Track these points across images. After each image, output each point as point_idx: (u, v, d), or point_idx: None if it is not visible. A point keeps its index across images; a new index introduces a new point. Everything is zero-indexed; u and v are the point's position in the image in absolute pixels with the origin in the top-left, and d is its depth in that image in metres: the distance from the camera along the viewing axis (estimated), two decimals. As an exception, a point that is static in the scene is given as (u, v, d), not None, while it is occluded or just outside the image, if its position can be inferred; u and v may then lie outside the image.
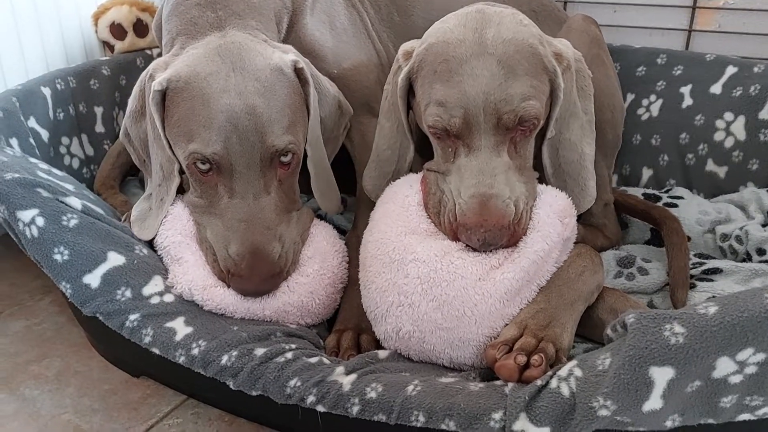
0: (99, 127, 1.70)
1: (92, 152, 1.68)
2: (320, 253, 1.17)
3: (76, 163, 1.64)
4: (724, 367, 0.75)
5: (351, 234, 1.30)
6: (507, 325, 0.98)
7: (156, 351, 1.03)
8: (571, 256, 1.06)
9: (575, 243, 1.10)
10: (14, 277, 1.60)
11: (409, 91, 1.17)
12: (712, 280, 1.21)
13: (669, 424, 0.81)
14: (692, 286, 1.20)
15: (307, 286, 1.12)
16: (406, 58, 1.16)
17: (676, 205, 1.45)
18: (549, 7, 1.61)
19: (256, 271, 1.06)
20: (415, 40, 1.18)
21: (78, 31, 1.83)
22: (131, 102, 1.22)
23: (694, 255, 1.31)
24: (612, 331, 0.87)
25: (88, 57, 1.86)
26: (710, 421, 0.81)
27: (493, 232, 0.99)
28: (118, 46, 1.85)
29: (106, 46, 1.87)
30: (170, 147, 1.15)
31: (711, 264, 1.25)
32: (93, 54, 1.88)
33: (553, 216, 1.04)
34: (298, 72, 1.17)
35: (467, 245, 1.03)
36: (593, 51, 1.34)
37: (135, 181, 1.66)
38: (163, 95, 1.12)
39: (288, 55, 1.17)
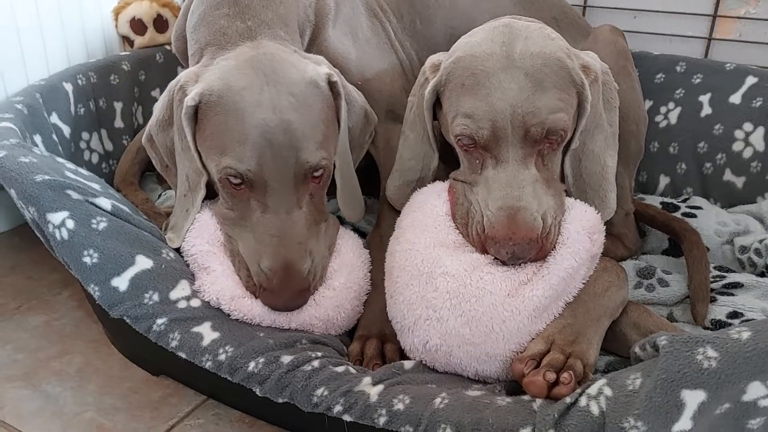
0: (118, 123, 1.71)
1: (111, 147, 1.69)
2: (347, 265, 1.17)
3: (95, 158, 1.65)
4: (754, 391, 0.76)
5: (374, 233, 1.30)
6: (534, 339, 0.99)
7: (182, 355, 1.04)
8: (597, 271, 1.07)
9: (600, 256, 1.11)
10: (32, 270, 1.61)
11: (435, 103, 1.18)
12: (732, 294, 1.22)
13: (696, 444, 0.82)
14: (712, 300, 1.21)
15: (334, 299, 1.13)
16: (433, 71, 1.16)
17: (694, 216, 1.46)
18: (570, 15, 1.61)
19: (287, 287, 1.06)
20: (442, 52, 1.18)
21: (99, 26, 1.83)
22: (159, 110, 1.20)
23: (714, 268, 1.31)
24: (641, 350, 0.88)
25: (108, 51, 1.86)
26: (737, 441, 0.82)
27: (521, 246, 1.00)
28: (138, 41, 1.85)
29: (126, 40, 1.87)
30: (200, 159, 1.14)
31: (731, 278, 1.26)
32: (113, 48, 1.88)
33: (582, 232, 1.04)
34: (332, 85, 1.16)
35: (496, 258, 1.03)
36: (620, 63, 1.34)
37: (153, 177, 1.67)
38: (196, 109, 1.11)
39: (321, 68, 1.16)
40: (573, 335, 0.98)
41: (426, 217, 1.11)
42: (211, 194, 1.20)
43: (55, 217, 1.07)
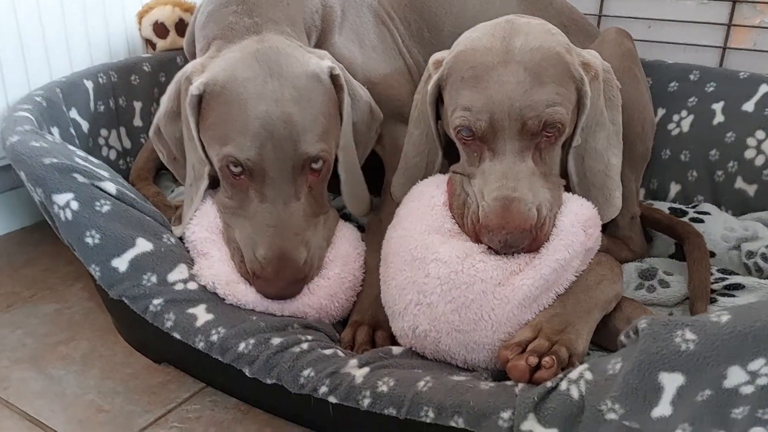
0: (137, 121, 1.75)
1: (129, 145, 1.74)
2: (342, 256, 1.18)
3: (113, 155, 1.70)
4: (735, 377, 0.75)
5: (374, 218, 1.31)
6: (522, 327, 0.99)
7: (177, 335, 1.06)
8: (591, 265, 1.07)
9: (598, 251, 1.10)
10: (48, 263, 1.65)
11: (438, 99, 1.19)
12: (733, 296, 1.20)
13: (679, 433, 0.80)
14: (713, 301, 1.19)
15: (328, 288, 1.14)
16: (437, 67, 1.18)
17: (702, 221, 1.44)
18: (580, 22, 1.61)
19: (281, 276, 1.08)
20: (446, 50, 1.20)
21: (122, 28, 1.89)
22: (166, 102, 1.23)
23: (717, 270, 1.29)
24: (625, 338, 0.87)
25: (130, 54, 1.92)
26: (722, 432, 0.81)
27: (514, 235, 1.00)
28: (160, 44, 1.91)
29: (149, 43, 1.93)
30: (203, 149, 1.16)
31: (733, 279, 1.24)
32: (135, 51, 1.94)
33: (577, 225, 1.04)
34: (334, 78, 1.18)
35: (489, 248, 1.04)
36: (625, 64, 1.34)
37: (168, 176, 1.71)
38: (200, 99, 1.14)
39: (324, 61, 1.18)
40: (561, 325, 0.97)
41: (423, 206, 1.12)
42: (213, 185, 1.23)
43: (60, 198, 1.11)
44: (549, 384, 0.85)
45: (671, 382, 0.76)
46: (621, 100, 1.19)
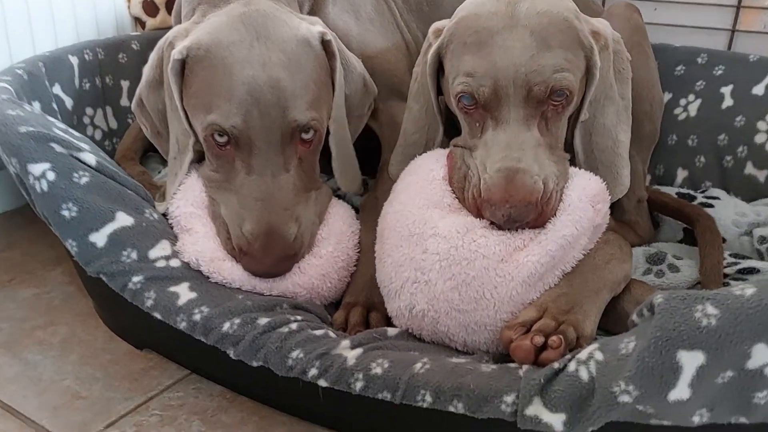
0: (124, 101, 1.69)
1: (116, 125, 1.67)
2: (335, 234, 1.12)
3: (98, 135, 1.63)
4: (760, 355, 0.69)
5: (369, 195, 1.25)
6: (526, 307, 0.93)
7: (157, 315, 1.00)
8: (599, 243, 1.01)
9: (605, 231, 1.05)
10: (28, 247, 1.59)
11: (439, 72, 1.13)
12: (746, 280, 1.14)
13: (696, 419, 0.74)
14: (725, 285, 1.13)
15: (320, 268, 1.08)
16: (437, 36, 1.12)
17: (711, 206, 1.38)
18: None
19: (270, 253, 1.02)
20: (447, 20, 1.14)
21: (111, 6, 1.83)
22: (148, 70, 1.18)
23: (729, 255, 1.24)
24: (638, 317, 0.81)
25: (119, 32, 1.86)
26: (742, 419, 0.75)
27: (518, 209, 0.94)
28: (150, 22, 1.85)
29: (138, 22, 1.88)
30: (187, 119, 1.11)
31: (746, 263, 1.18)
32: (124, 29, 1.88)
33: (585, 200, 0.98)
34: (325, 45, 1.13)
35: (491, 223, 0.98)
36: (635, 38, 1.29)
37: (156, 157, 1.65)
38: (183, 64, 1.08)
39: (315, 27, 1.13)
40: (568, 305, 0.91)
41: (421, 179, 1.06)
42: (200, 159, 1.17)
43: (36, 168, 1.04)
44: (556, 365, 0.79)
45: (691, 361, 0.70)
46: (631, 73, 1.13)
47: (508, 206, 0.94)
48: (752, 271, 1.16)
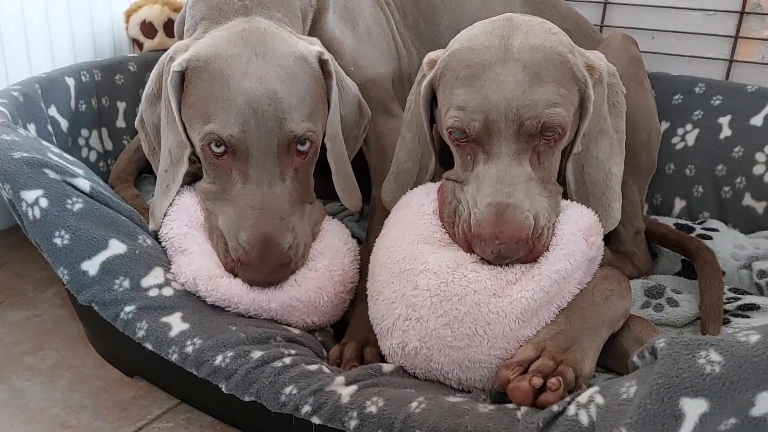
0: (120, 122, 1.68)
1: (111, 147, 1.66)
2: (331, 249, 1.12)
3: (93, 156, 1.62)
4: (764, 403, 0.67)
5: (363, 248, 1.24)
6: (523, 345, 0.91)
7: (149, 346, 0.98)
8: (596, 278, 0.99)
9: (602, 266, 1.04)
10: (19, 268, 1.58)
11: (433, 101, 1.13)
12: (747, 317, 1.12)
13: (698, 466, 0.73)
14: (726, 322, 1.12)
15: (316, 281, 1.07)
16: (431, 67, 1.11)
17: (710, 238, 1.37)
18: (584, 27, 1.56)
19: (266, 261, 1.02)
20: (441, 50, 1.14)
21: (109, 27, 1.83)
22: (148, 86, 1.19)
23: (729, 290, 1.23)
24: (639, 358, 0.79)
25: (116, 53, 1.85)
26: (744, 466, 0.73)
27: (508, 245, 0.92)
28: (148, 44, 1.85)
29: (136, 43, 1.87)
30: (185, 130, 1.12)
31: (747, 299, 1.17)
32: (121, 51, 1.88)
33: (578, 234, 0.97)
34: (323, 64, 1.15)
35: (482, 258, 0.96)
36: (632, 70, 1.28)
37: (150, 179, 1.63)
38: (182, 76, 1.10)
39: (314, 47, 1.15)
40: (567, 343, 0.90)
41: (412, 214, 1.06)
42: (191, 181, 1.17)
43: (29, 195, 1.03)
44: (555, 408, 0.77)
45: (694, 408, 0.68)
46: (626, 106, 1.12)
47: (498, 242, 0.93)
48: (753, 307, 1.15)
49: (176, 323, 0.99)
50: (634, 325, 1.00)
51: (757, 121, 1.53)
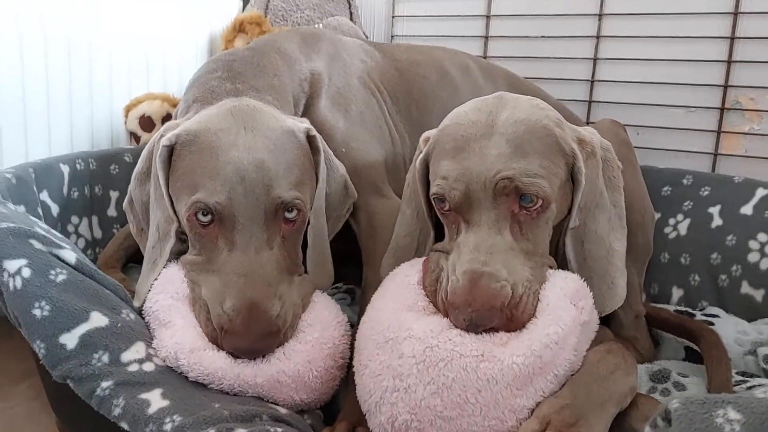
0: (111, 211, 1.67)
1: (100, 235, 1.64)
2: (321, 321, 1.07)
3: (81, 243, 1.59)
4: (790, 467, 0.62)
5: (356, 329, 1.20)
6: (528, 418, 0.85)
7: (124, 425, 0.90)
8: (600, 352, 0.95)
9: (604, 341, 1.00)
10: (-3, 361, 1.51)
11: (429, 176, 1.14)
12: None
13: None
14: (737, 404, 1.06)
15: (305, 354, 1.02)
16: (426, 143, 1.14)
17: (712, 323, 1.33)
18: (565, 113, 1.61)
19: (252, 327, 0.97)
20: (437, 129, 1.16)
21: (107, 120, 1.87)
22: (138, 164, 1.19)
23: (736, 373, 1.17)
24: (651, 428, 0.74)
25: (113, 145, 1.88)
26: None
27: (481, 312, 0.90)
28: (145, 137, 1.88)
29: (133, 136, 1.90)
30: (172, 205, 1.10)
31: (755, 382, 1.12)
32: (119, 144, 1.91)
33: (564, 299, 0.94)
34: (310, 139, 1.16)
35: None
36: (623, 151, 1.30)
37: (138, 268, 1.60)
38: (171, 151, 1.10)
39: (302, 124, 1.17)
40: (573, 418, 0.84)
41: (396, 285, 1.04)
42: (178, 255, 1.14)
43: (12, 265, 0.99)
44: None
45: (715, 472, 0.63)
46: (623, 181, 1.13)
47: (470, 310, 0.90)
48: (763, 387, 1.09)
49: (155, 400, 0.92)
50: (642, 403, 0.95)
51: (747, 210, 1.54)
